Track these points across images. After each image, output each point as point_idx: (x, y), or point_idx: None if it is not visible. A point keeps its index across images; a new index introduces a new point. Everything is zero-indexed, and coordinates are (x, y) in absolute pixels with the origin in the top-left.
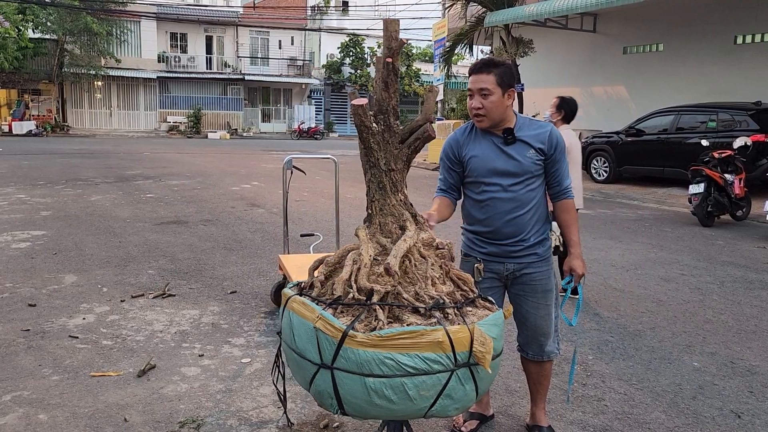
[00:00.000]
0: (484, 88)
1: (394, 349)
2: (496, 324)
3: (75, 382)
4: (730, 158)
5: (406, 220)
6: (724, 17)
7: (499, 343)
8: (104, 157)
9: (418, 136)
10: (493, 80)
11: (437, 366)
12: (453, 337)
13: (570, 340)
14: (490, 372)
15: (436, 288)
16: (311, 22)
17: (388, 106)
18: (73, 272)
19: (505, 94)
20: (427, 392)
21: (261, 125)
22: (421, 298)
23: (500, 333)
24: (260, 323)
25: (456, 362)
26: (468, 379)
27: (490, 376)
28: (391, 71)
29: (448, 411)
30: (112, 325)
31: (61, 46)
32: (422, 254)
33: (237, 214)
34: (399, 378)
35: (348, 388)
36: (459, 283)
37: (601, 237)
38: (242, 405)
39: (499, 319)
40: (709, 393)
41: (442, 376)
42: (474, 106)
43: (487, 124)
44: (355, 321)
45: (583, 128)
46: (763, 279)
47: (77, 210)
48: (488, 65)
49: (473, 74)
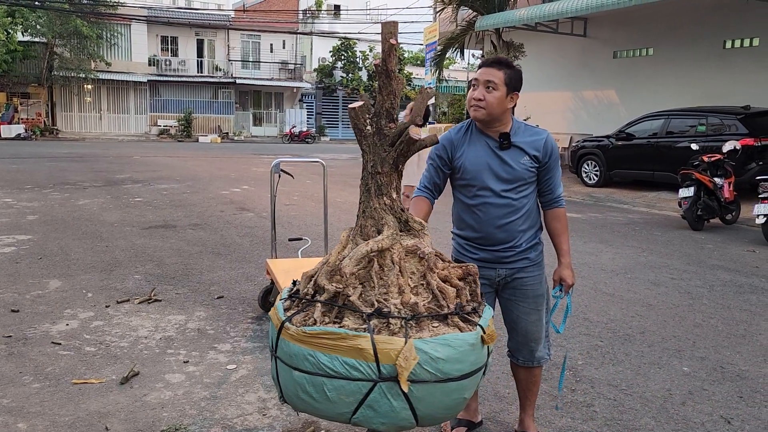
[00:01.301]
0: (491, 81)
1: (316, 347)
2: (449, 345)
3: (56, 390)
4: (720, 162)
5: (384, 224)
6: (714, 22)
7: (452, 366)
8: (93, 161)
9: (402, 140)
10: (502, 77)
11: (357, 373)
12: (378, 347)
13: (560, 345)
14: (414, 392)
15: (403, 297)
16: (303, 26)
17: (381, 108)
18: (58, 277)
19: (509, 96)
20: (347, 398)
21: (252, 129)
22: (374, 303)
23: (454, 355)
24: (247, 329)
25: (380, 374)
26: (396, 396)
27: (430, 399)
28: (382, 73)
29: (373, 423)
30: (96, 331)
31: (50, 49)
32: (394, 260)
33: (226, 218)
34: (320, 377)
35: (283, 378)
36: (439, 296)
37: (592, 241)
38: (227, 412)
39: (461, 341)
40: (699, 398)
41: (362, 385)
42: (475, 96)
43: (483, 116)
44: (294, 314)
45: (574, 132)
46: (752, 283)
47: (64, 214)
48: (500, 63)
49: (484, 67)
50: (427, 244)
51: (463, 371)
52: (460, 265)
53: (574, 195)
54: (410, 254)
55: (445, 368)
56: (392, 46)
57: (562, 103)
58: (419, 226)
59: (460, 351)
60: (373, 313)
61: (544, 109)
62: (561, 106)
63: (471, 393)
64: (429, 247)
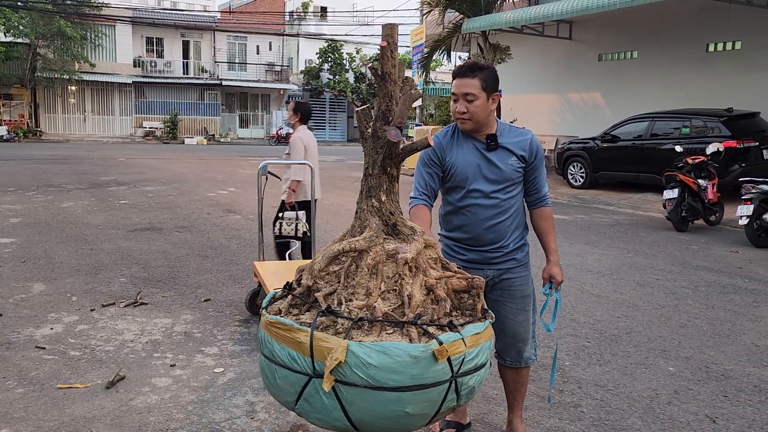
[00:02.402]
0: (468, 93)
1: (273, 336)
2: (385, 353)
3: (40, 395)
4: (704, 164)
5: (366, 227)
6: (697, 25)
7: (385, 375)
8: (77, 163)
9: (384, 142)
10: (478, 84)
11: (296, 366)
12: (315, 343)
13: (548, 346)
14: (345, 393)
15: (369, 299)
16: (289, 28)
17: (378, 110)
18: (42, 281)
19: (490, 99)
20: (290, 387)
21: (239, 131)
22: (341, 302)
23: (389, 364)
24: (234, 332)
25: (315, 370)
26: (329, 394)
27: (362, 404)
28: (378, 76)
29: (310, 417)
30: (81, 335)
31: (33, 50)
32: (367, 262)
33: (213, 220)
34: (272, 364)
35: (259, 359)
36: (406, 303)
37: (578, 242)
38: (214, 416)
39: (400, 351)
40: (685, 398)
41: (301, 378)
42: (458, 110)
43: (471, 126)
44: (272, 303)
45: (560, 134)
46: (735, 283)
47: (48, 217)
48: (473, 69)
49: (458, 78)
50: (413, 250)
51: (401, 383)
52: (466, 276)
53: (560, 196)
54: (390, 258)
55: (377, 375)
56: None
57: (548, 106)
58: (409, 230)
59: (397, 361)
60: (324, 310)
61: (531, 111)
62: (547, 109)
63: (417, 409)
64: (413, 252)
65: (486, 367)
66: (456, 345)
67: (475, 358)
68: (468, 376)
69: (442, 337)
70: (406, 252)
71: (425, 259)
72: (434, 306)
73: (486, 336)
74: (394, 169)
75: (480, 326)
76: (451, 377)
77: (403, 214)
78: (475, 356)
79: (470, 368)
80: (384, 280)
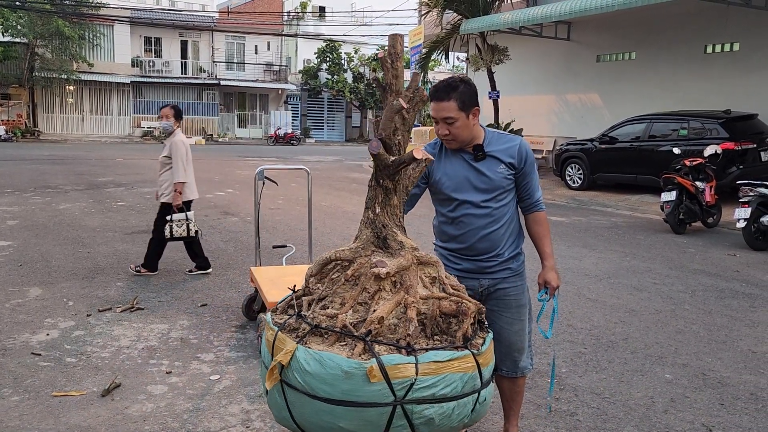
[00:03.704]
0: (447, 117)
1: (264, 329)
2: (321, 363)
3: (36, 403)
4: (701, 166)
5: (357, 238)
6: (695, 27)
7: (318, 385)
8: (75, 164)
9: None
10: (455, 106)
11: (265, 361)
12: (276, 343)
13: (545, 352)
14: (288, 395)
15: (343, 309)
16: (288, 28)
17: (377, 121)
18: (38, 285)
19: (470, 115)
20: (262, 379)
21: (237, 131)
22: (326, 307)
23: (322, 374)
24: (231, 338)
25: None
26: (280, 393)
27: (301, 409)
28: (380, 88)
29: (272, 411)
30: (77, 342)
31: (31, 50)
32: (347, 274)
33: (210, 222)
34: (263, 352)
35: None
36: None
37: (576, 245)
38: (209, 425)
39: (333, 364)
40: (681, 406)
41: (265, 372)
42: (441, 133)
43: (457, 146)
44: (282, 301)
45: (558, 135)
46: (733, 287)
47: (45, 219)
48: (447, 91)
49: (434, 101)
50: (393, 266)
51: (332, 395)
52: (458, 301)
53: (557, 198)
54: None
55: (311, 384)
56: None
57: (546, 107)
58: (398, 245)
59: (329, 372)
60: (297, 314)
61: (528, 113)
62: (545, 110)
63: (354, 426)
64: (393, 268)
65: (461, 404)
66: (401, 369)
67: (431, 388)
68: (422, 405)
69: (385, 358)
70: (383, 267)
71: (414, 276)
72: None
73: (456, 368)
74: (388, 182)
75: (443, 355)
76: (394, 402)
77: (402, 228)
78: (433, 386)
79: (424, 397)
80: (363, 292)
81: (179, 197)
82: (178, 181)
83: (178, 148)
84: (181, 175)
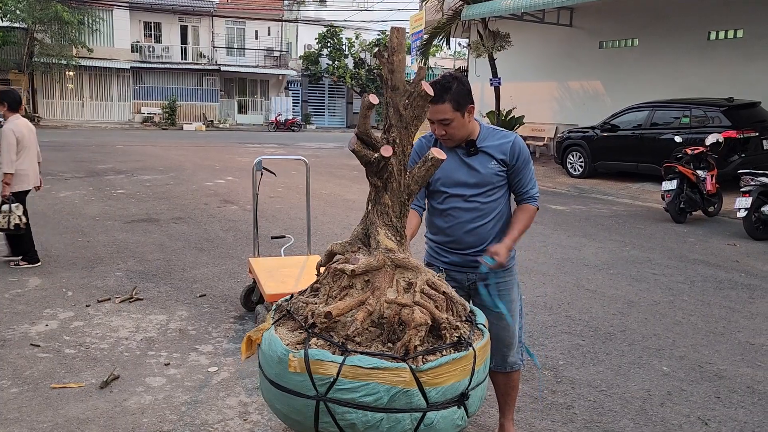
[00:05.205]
0: (443, 119)
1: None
2: (269, 344)
3: (34, 395)
4: (703, 155)
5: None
6: (698, 13)
7: (269, 368)
8: (75, 150)
9: None
10: (450, 108)
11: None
12: (253, 336)
13: (542, 345)
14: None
15: (319, 300)
16: (288, 13)
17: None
18: (38, 275)
19: (465, 114)
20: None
21: (237, 117)
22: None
23: (268, 358)
24: (229, 329)
25: None
26: (262, 375)
27: (267, 394)
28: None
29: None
30: (76, 332)
31: (30, 35)
32: (329, 268)
33: (210, 211)
34: None
35: None
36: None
37: (576, 235)
38: (207, 417)
39: (272, 348)
40: (677, 399)
41: None
42: (438, 134)
43: (454, 144)
44: (291, 297)
45: (559, 122)
46: (732, 278)
47: (44, 207)
48: (441, 92)
49: (429, 103)
50: (361, 265)
51: (269, 376)
52: (416, 310)
53: (559, 186)
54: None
55: (262, 361)
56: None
57: (548, 94)
58: (374, 244)
59: (270, 355)
60: (288, 298)
61: (530, 99)
62: (546, 97)
63: (287, 411)
64: (360, 267)
65: (392, 419)
66: (323, 365)
67: (352, 392)
68: (344, 407)
69: (312, 352)
70: (354, 265)
71: (386, 279)
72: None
73: (381, 378)
74: (376, 179)
75: (367, 361)
76: (316, 396)
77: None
78: (353, 390)
79: (345, 399)
80: (341, 288)
81: (8, 188)
82: (4, 171)
83: (6, 136)
84: (7, 166)
